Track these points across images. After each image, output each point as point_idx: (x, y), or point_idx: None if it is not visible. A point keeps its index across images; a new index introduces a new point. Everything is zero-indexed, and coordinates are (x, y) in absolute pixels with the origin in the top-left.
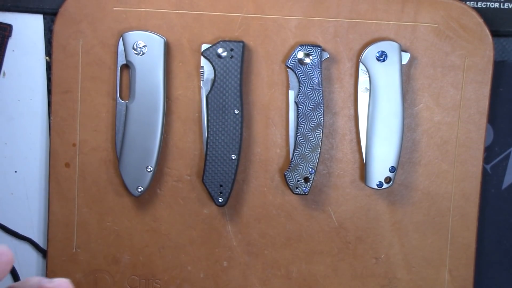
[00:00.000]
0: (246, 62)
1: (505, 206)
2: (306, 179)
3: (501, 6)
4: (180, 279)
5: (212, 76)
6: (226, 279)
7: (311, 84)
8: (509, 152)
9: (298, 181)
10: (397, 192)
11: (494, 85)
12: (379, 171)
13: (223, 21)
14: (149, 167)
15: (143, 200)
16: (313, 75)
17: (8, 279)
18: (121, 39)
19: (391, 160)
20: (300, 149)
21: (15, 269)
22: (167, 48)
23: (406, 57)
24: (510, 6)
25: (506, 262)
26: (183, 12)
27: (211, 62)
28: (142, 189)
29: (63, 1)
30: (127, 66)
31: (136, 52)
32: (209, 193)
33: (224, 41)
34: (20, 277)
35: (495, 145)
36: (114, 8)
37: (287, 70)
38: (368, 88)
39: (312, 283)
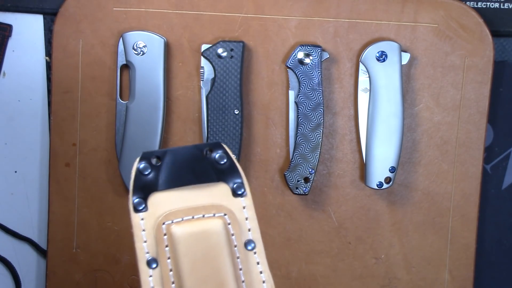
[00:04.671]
0: (246, 62)
1: (505, 206)
2: (306, 179)
3: (501, 6)
4: None
5: (212, 76)
6: None
7: (311, 84)
8: (509, 152)
9: (298, 181)
10: (397, 192)
11: (494, 85)
12: (379, 171)
13: (223, 21)
14: None
15: None
16: (313, 75)
17: (8, 279)
18: (121, 39)
19: (391, 160)
20: (300, 149)
21: (15, 269)
22: (167, 48)
23: (406, 57)
24: (510, 6)
25: (506, 262)
26: (183, 12)
27: (211, 62)
28: None
29: (63, 1)
30: (127, 66)
31: (136, 52)
32: None
33: (224, 41)
34: (20, 277)
35: (495, 145)
36: (114, 8)
37: (287, 70)
38: (368, 88)
39: (312, 283)
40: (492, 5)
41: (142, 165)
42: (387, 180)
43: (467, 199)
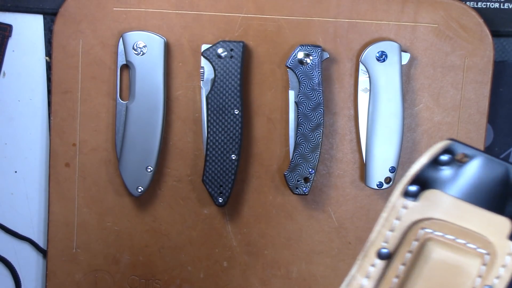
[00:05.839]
0: (246, 62)
1: None
2: (306, 179)
3: (501, 6)
4: (180, 279)
5: (212, 76)
6: (226, 279)
7: (311, 84)
8: (509, 152)
9: (298, 181)
10: None
11: (494, 85)
12: (379, 171)
13: (223, 21)
14: (149, 167)
15: (143, 200)
16: (313, 75)
17: (8, 279)
18: (121, 39)
19: (391, 160)
20: (300, 149)
21: (15, 269)
22: (167, 48)
23: (406, 57)
24: (510, 6)
25: None
26: (183, 12)
27: (211, 62)
28: (142, 189)
29: (63, 1)
30: (127, 66)
31: (136, 52)
32: (209, 193)
33: (224, 41)
34: (20, 277)
35: (495, 145)
36: (114, 8)
37: (287, 70)
38: (368, 88)
39: (312, 283)
40: (492, 5)
41: (445, 157)
42: (387, 180)
43: None
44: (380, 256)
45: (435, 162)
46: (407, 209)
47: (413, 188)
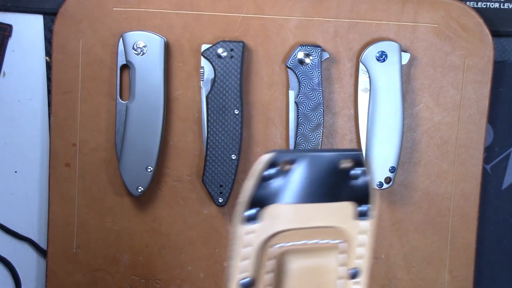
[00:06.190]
0: (246, 62)
1: (505, 206)
2: None
3: (501, 6)
4: (180, 279)
5: (212, 76)
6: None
7: (311, 84)
8: (509, 152)
9: None
10: (397, 192)
11: (494, 85)
12: (379, 171)
13: (223, 21)
14: (149, 167)
15: (143, 200)
16: (313, 75)
17: (8, 279)
18: (121, 39)
19: (391, 160)
20: (300, 149)
21: (15, 269)
22: (167, 48)
23: (406, 57)
24: (510, 6)
25: (506, 262)
26: (183, 12)
27: (211, 62)
28: (142, 189)
29: (63, 1)
30: (127, 66)
31: (136, 52)
32: (209, 193)
33: (224, 41)
34: (20, 277)
35: (495, 145)
36: (114, 8)
37: (287, 70)
38: (368, 88)
39: None
40: (492, 5)
41: (270, 171)
42: (387, 180)
43: (467, 199)
44: (244, 286)
45: (263, 179)
46: (253, 233)
47: (252, 211)
